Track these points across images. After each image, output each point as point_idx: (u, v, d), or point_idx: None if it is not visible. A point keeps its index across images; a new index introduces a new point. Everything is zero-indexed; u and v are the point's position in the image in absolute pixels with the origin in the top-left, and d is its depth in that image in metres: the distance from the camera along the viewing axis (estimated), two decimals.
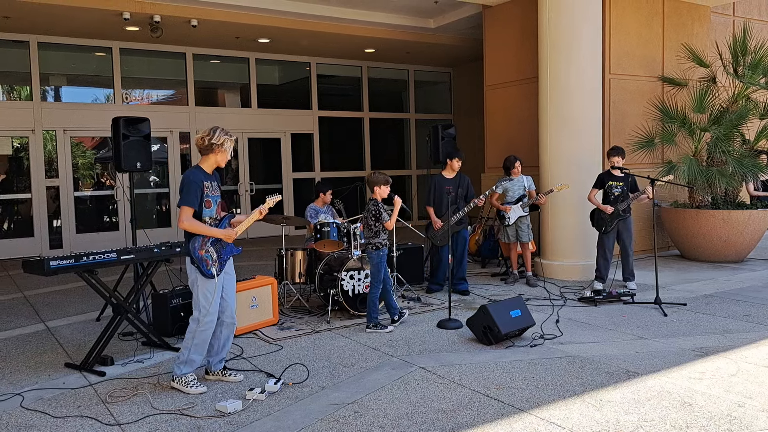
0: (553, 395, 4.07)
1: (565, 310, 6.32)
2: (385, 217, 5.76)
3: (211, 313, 4.28)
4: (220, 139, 4.29)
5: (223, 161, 4.37)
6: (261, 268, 9.03)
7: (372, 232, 5.79)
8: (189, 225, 4.20)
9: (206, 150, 4.31)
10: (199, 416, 3.88)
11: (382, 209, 5.80)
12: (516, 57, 9.47)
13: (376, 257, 5.74)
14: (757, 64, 8.81)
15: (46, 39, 10.87)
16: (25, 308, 7.07)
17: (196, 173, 4.28)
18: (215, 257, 4.30)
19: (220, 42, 11.78)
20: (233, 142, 4.40)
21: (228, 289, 4.45)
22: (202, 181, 4.25)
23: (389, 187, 5.87)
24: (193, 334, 4.29)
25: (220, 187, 4.45)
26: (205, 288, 4.27)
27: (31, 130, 10.91)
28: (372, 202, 5.83)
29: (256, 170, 13.27)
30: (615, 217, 7.01)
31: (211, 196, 4.33)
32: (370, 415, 3.83)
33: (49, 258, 4.41)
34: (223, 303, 4.41)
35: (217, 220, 4.38)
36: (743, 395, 3.99)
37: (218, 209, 4.40)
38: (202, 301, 4.28)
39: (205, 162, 4.35)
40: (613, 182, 7.07)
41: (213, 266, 4.27)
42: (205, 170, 4.34)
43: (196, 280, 4.28)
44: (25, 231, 11.04)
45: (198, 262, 4.25)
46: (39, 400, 4.23)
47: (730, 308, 6.26)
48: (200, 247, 4.25)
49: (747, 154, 8.88)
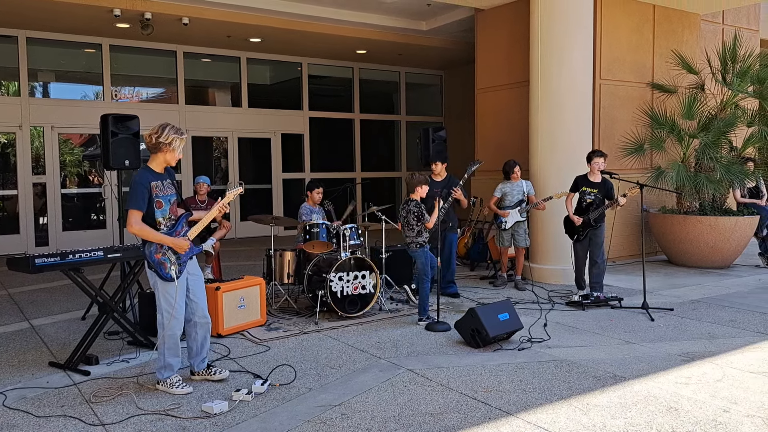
0: (541, 399, 4.08)
1: (553, 314, 6.34)
2: (426, 217, 5.99)
3: (175, 316, 4.19)
4: (168, 137, 4.11)
5: (172, 160, 4.20)
6: (249, 268, 8.99)
7: (415, 232, 6.04)
8: (138, 229, 4.06)
9: (154, 148, 4.14)
10: (185, 417, 3.85)
11: (424, 209, 6.01)
12: (507, 61, 9.50)
13: (422, 255, 6.07)
14: (745, 72, 8.90)
15: (35, 34, 10.78)
16: (9, 306, 6.99)
17: (142, 174, 4.13)
18: (173, 259, 4.18)
19: (212, 41, 11.73)
20: (184, 140, 4.21)
21: (195, 289, 4.36)
22: (149, 182, 4.11)
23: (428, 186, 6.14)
24: (163, 338, 4.23)
25: (174, 185, 4.29)
26: (166, 291, 4.18)
27: (18, 126, 10.81)
28: (413, 203, 6.06)
29: (246, 170, 13.22)
30: (586, 227, 6.83)
31: (162, 196, 4.18)
32: (357, 417, 3.81)
33: (34, 255, 4.37)
34: (192, 304, 4.33)
35: (173, 220, 4.25)
36: (729, 400, 4.01)
37: (173, 208, 4.26)
38: (164, 304, 4.19)
39: (154, 161, 4.19)
40: (588, 188, 6.86)
41: (171, 269, 4.15)
42: (154, 170, 4.18)
43: (156, 283, 4.19)
44: (11, 228, 10.93)
45: (155, 267, 4.14)
46: (22, 399, 4.18)
47: (716, 314, 6.30)
48: (156, 250, 4.15)
49: (735, 161, 8.96)
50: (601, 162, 6.85)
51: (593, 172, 6.88)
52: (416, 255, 6.13)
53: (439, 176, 7.28)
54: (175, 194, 4.30)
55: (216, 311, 5.49)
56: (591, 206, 6.82)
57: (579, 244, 6.98)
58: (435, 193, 7.02)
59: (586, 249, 6.96)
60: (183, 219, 4.31)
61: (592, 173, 6.90)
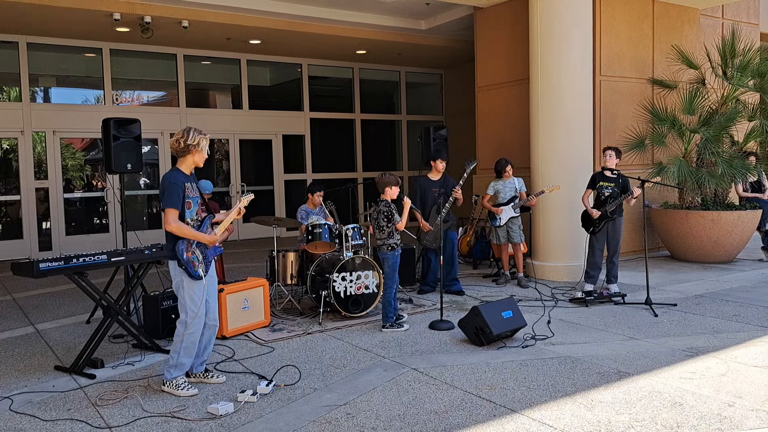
0: (545, 396, 4.08)
1: (556, 311, 6.34)
2: (396, 218, 5.81)
3: (199, 315, 4.26)
4: (195, 139, 4.24)
5: (200, 161, 4.32)
6: (252, 269, 9.00)
7: (385, 233, 5.83)
8: (176, 227, 4.15)
9: (183, 152, 4.26)
10: (191, 419, 3.86)
11: (394, 210, 5.86)
12: (507, 58, 9.50)
13: (392, 257, 5.83)
14: (745, 67, 8.88)
15: (36, 39, 10.80)
16: (14, 311, 7.01)
17: (176, 175, 4.23)
18: (201, 258, 4.27)
19: (211, 43, 11.74)
20: (208, 140, 4.36)
21: (211, 290, 4.42)
22: (183, 182, 4.21)
23: (399, 188, 5.93)
24: (182, 337, 4.26)
25: (198, 189, 4.40)
26: (192, 290, 4.24)
27: (20, 132, 10.83)
28: (383, 203, 5.86)
29: (248, 172, 13.23)
30: (603, 219, 6.96)
31: (191, 197, 4.28)
32: (362, 417, 3.82)
33: (38, 260, 4.38)
34: (206, 305, 4.37)
35: (199, 221, 4.33)
36: (733, 395, 4.02)
37: (198, 210, 4.35)
38: (189, 303, 4.24)
39: (183, 164, 4.30)
40: (604, 183, 7.03)
41: (200, 267, 4.24)
42: (184, 172, 4.30)
43: (182, 282, 4.24)
44: (14, 233, 10.95)
45: (185, 264, 4.20)
46: (28, 403, 4.19)
47: (720, 308, 6.30)
48: (186, 249, 4.21)
49: (736, 155, 8.95)
50: (609, 154, 7.03)
51: (608, 165, 7.04)
52: (386, 257, 5.81)
53: (437, 174, 7.27)
54: (199, 197, 4.39)
55: (220, 313, 5.49)
56: (608, 200, 6.93)
57: (595, 237, 7.05)
58: (432, 192, 7.03)
59: (602, 242, 7.05)
60: (207, 221, 4.39)
61: (605, 169, 7.04)
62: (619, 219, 7.01)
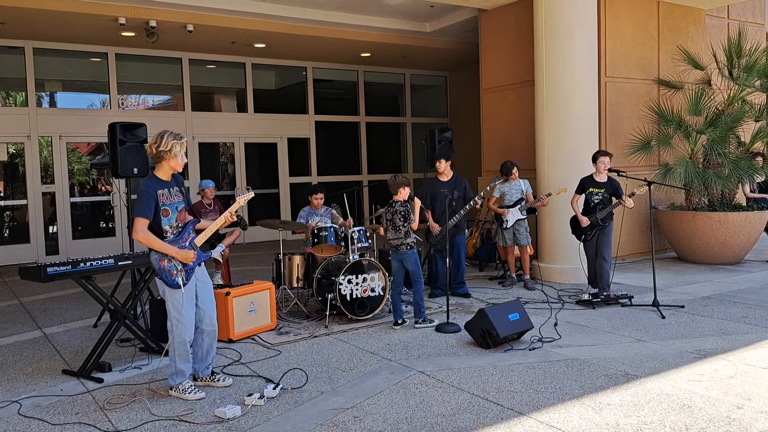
0: (552, 398, 4.07)
1: (563, 313, 6.32)
2: (412, 218, 5.94)
3: (183, 323, 4.19)
4: (168, 144, 4.12)
5: (177, 166, 4.21)
6: (258, 272, 9.01)
7: (402, 233, 5.96)
8: (143, 237, 4.07)
9: (157, 158, 4.17)
10: (198, 422, 3.87)
11: (410, 210, 5.97)
12: (512, 60, 9.49)
13: (412, 256, 5.99)
14: (751, 67, 8.85)
15: (42, 45, 10.85)
16: (22, 315, 7.04)
17: (149, 183, 4.15)
18: (180, 267, 4.19)
19: (216, 47, 11.78)
20: (184, 145, 4.22)
21: (204, 296, 4.36)
22: (156, 190, 4.13)
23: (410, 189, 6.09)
24: (172, 345, 4.24)
25: (182, 192, 4.31)
26: (174, 298, 4.19)
27: (26, 136, 10.88)
28: (399, 204, 6.00)
29: (253, 175, 13.26)
30: (594, 227, 6.78)
31: (169, 204, 4.20)
32: (370, 420, 3.82)
33: (46, 264, 4.40)
34: (200, 311, 4.34)
35: (180, 227, 4.26)
36: (742, 397, 4.00)
37: (180, 216, 4.27)
38: (172, 311, 4.21)
39: (160, 170, 4.22)
40: (594, 189, 6.79)
41: (178, 276, 4.17)
42: (161, 178, 4.21)
43: (164, 291, 4.22)
44: (22, 237, 11.00)
45: (160, 274, 4.16)
46: (37, 407, 4.21)
47: (727, 310, 6.27)
48: (161, 258, 4.16)
49: (743, 156, 8.91)
50: (607, 161, 6.77)
51: (599, 171, 6.79)
52: (407, 257, 5.96)
53: (446, 176, 7.27)
54: (183, 201, 4.31)
55: (226, 316, 5.52)
56: (599, 206, 6.75)
57: (588, 245, 6.93)
58: (442, 193, 7.02)
59: (594, 249, 6.90)
60: (190, 226, 4.32)
61: (598, 173, 6.81)
62: (609, 225, 6.79)
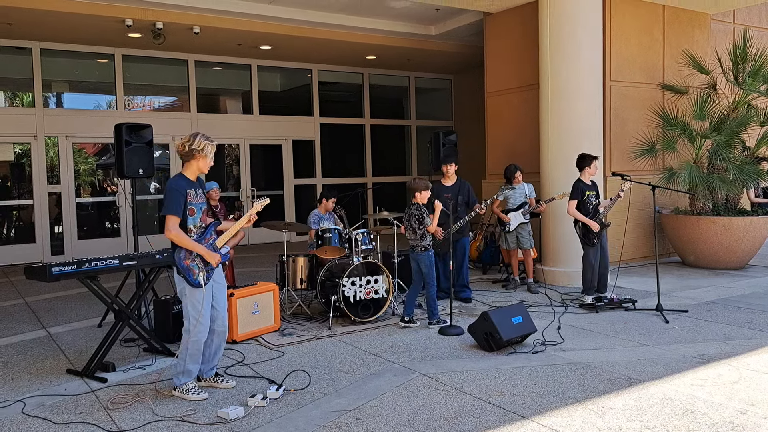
0: (555, 402, 4.07)
1: (566, 317, 6.32)
2: (427, 221, 5.95)
3: (201, 323, 4.23)
4: (200, 144, 4.20)
5: (205, 167, 4.28)
6: (262, 274, 9.03)
7: (417, 235, 6.01)
8: (175, 235, 4.13)
9: (187, 156, 4.23)
10: (201, 423, 3.88)
11: (425, 213, 6.00)
12: (517, 64, 9.49)
13: (426, 258, 6.02)
14: (757, 72, 8.83)
15: (49, 45, 10.91)
16: (27, 314, 7.07)
17: (178, 181, 4.21)
18: (202, 266, 4.24)
19: (222, 49, 11.82)
20: (214, 147, 4.32)
21: (218, 297, 4.40)
22: (185, 188, 4.19)
23: (429, 192, 6.11)
24: (186, 344, 4.26)
25: (205, 194, 4.38)
26: (194, 298, 4.23)
27: (33, 137, 10.94)
28: (414, 206, 6.05)
29: (258, 176, 13.29)
30: (603, 228, 6.77)
31: (195, 203, 4.25)
32: (372, 422, 3.83)
33: (51, 264, 4.42)
34: (213, 312, 4.37)
35: (202, 227, 4.31)
36: (746, 402, 3.99)
37: (203, 216, 4.33)
38: (191, 311, 4.24)
39: (188, 169, 4.28)
40: (589, 192, 6.79)
41: (200, 275, 4.21)
42: (188, 177, 4.27)
43: (184, 290, 4.24)
44: (27, 237, 11.06)
45: (184, 272, 4.20)
46: (40, 406, 4.23)
47: (731, 315, 6.25)
48: (185, 257, 4.20)
49: (748, 161, 8.89)
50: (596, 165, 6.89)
51: (592, 174, 6.85)
52: (421, 258, 6.03)
53: (450, 180, 7.27)
54: (205, 203, 4.37)
55: (230, 317, 5.52)
56: (596, 209, 6.81)
57: (592, 249, 6.93)
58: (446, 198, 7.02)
59: (597, 252, 6.91)
60: (212, 227, 4.37)
61: (588, 176, 6.83)
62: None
